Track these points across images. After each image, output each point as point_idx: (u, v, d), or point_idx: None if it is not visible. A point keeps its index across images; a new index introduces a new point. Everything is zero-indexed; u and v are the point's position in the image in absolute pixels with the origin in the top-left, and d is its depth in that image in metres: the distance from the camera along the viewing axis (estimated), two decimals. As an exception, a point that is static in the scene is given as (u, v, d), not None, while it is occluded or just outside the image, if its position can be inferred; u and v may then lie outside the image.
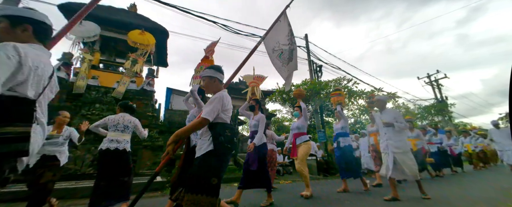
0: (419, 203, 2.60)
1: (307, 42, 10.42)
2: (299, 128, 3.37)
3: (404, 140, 2.89)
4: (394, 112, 3.03)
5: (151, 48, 6.34)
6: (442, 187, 3.78)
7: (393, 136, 2.89)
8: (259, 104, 3.08)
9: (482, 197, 2.88)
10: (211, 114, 1.43)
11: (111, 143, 2.46)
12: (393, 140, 2.88)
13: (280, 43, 2.91)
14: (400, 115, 2.98)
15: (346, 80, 9.21)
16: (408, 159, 2.80)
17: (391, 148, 2.87)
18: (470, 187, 3.78)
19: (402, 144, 2.85)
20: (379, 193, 3.22)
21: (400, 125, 2.85)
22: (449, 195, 3.04)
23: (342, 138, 3.75)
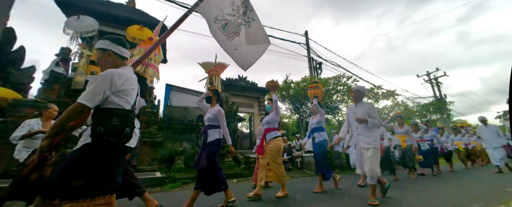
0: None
1: (307, 39, 10.36)
2: (269, 123, 3.08)
3: (375, 137, 2.62)
4: (368, 106, 2.76)
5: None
6: (408, 190, 3.37)
7: (364, 131, 2.68)
8: (217, 96, 2.78)
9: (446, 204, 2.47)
10: (89, 97, 1.11)
11: None
12: (364, 135, 2.67)
13: (224, 12, 2.41)
14: (374, 109, 2.74)
15: (345, 78, 9.21)
16: (373, 158, 2.55)
17: (360, 143, 2.67)
18: (443, 190, 3.39)
19: (372, 140, 2.60)
20: (366, 193, 2.97)
21: (374, 122, 2.62)
22: (410, 200, 2.65)
23: (317, 133, 3.54)
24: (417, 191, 3.32)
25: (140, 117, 5.68)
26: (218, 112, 2.56)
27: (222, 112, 2.59)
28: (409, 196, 2.89)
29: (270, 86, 3.14)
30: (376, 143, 2.59)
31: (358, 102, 2.85)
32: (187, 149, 6.53)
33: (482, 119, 5.60)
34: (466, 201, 2.56)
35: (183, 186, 4.21)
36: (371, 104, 2.76)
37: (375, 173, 2.53)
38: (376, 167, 2.53)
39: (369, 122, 2.62)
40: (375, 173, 2.53)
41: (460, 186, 3.71)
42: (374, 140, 2.60)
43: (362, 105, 2.81)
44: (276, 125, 3.08)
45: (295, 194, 3.13)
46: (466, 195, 2.90)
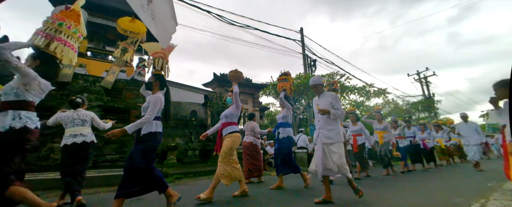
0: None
1: (302, 35, 10.36)
2: (227, 116, 2.80)
3: (338, 130, 2.42)
4: (331, 96, 2.53)
5: (142, 37, 6.12)
6: (390, 186, 3.37)
7: (325, 124, 2.45)
8: (160, 81, 2.30)
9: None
10: None
11: (76, 137, 2.52)
12: (325, 129, 2.44)
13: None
14: (338, 100, 2.52)
15: (339, 75, 9.32)
16: (336, 152, 2.35)
17: (322, 138, 2.43)
18: (425, 187, 3.38)
19: (334, 134, 2.39)
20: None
21: (337, 113, 2.40)
22: (383, 199, 2.53)
23: (282, 128, 3.35)
24: (399, 187, 3.44)
25: (132, 112, 5.59)
26: (152, 99, 2.11)
27: (157, 99, 2.12)
28: (391, 192, 3.00)
29: (232, 76, 2.87)
30: (339, 136, 2.40)
31: (321, 93, 2.64)
32: (180, 145, 6.48)
33: (463, 116, 5.54)
34: (449, 196, 2.68)
35: (176, 182, 4.19)
36: (335, 94, 2.53)
37: (344, 167, 2.35)
38: (343, 161, 2.35)
39: (331, 113, 2.39)
40: (344, 168, 2.35)
41: (442, 182, 3.86)
42: (337, 133, 2.40)
43: (325, 95, 2.59)
44: (234, 119, 2.82)
45: (287, 189, 3.18)
46: (449, 191, 3.03)
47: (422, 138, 6.35)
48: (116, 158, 4.85)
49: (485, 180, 3.82)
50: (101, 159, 4.77)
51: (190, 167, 5.37)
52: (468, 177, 4.32)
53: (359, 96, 9.50)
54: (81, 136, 2.54)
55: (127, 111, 5.65)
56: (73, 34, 2.05)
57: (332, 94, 2.55)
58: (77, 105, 2.75)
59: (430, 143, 6.53)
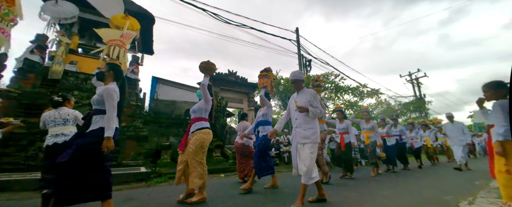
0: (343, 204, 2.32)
1: (297, 36, 10.41)
2: (195, 111, 2.58)
3: (315, 129, 2.26)
4: (310, 93, 2.38)
5: (136, 34, 6.01)
6: (380, 185, 3.36)
7: (302, 123, 2.30)
8: (114, 72, 2.03)
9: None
10: None
11: (57, 137, 2.43)
12: (302, 127, 2.29)
13: None
14: (317, 97, 2.37)
15: (333, 75, 9.42)
16: (308, 153, 2.17)
17: (297, 137, 2.29)
18: (414, 185, 3.44)
19: (310, 133, 2.23)
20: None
21: (315, 111, 2.24)
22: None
23: (262, 127, 3.20)
24: (391, 186, 3.52)
25: (124, 111, 5.48)
26: (104, 91, 1.85)
27: (111, 91, 1.86)
28: (384, 191, 3.06)
29: (203, 68, 2.59)
30: (315, 137, 2.23)
31: (300, 90, 2.48)
32: (174, 144, 6.41)
33: (449, 116, 5.50)
34: (438, 195, 2.76)
35: (169, 181, 4.15)
36: (314, 91, 2.39)
37: (313, 173, 2.15)
38: (313, 163, 2.17)
39: (309, 111, 2.23)
40: (311, 174, 2.15)
41: (431, 181, 3.97)
42: (313, 133, 2.24)
43: (304, 92, 2.43)
44: (204, 114, 2.59)
45: (283, 188, 3.20)
46: (438, 189, 3.12)
47: (410, 138, 6.24)
48: (108, 157, 4.75)
49: (473, 179, 3.95)
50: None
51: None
52: (456, 176, 4.45)
53: (353, 96, 9.63)
54: (62, 136, 2.44)
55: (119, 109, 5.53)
56: (4, 16, 1.74)
57: (311, 91, 2.40)
58: (57, 103, 2.64)
59: (418, 143, 6.49)
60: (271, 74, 3.52)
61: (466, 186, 3.31)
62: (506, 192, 1.88)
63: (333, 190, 2.98)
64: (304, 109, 2.24)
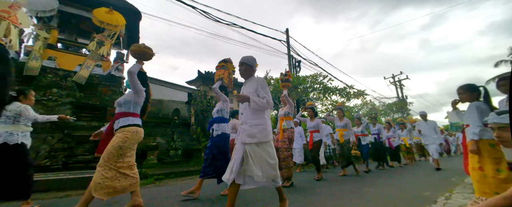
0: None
1: (287, 36, 10.52)
2: (121, 105, 2.13)
3: (264, 126, 1.87)
4: (258, 81, 1.97)
5: (120, 30, 5.77)
6: (358, 183, 3.40)
7: (249, 118, 1.89)
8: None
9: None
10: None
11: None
12: (248, 123, 1.87)
13: None
14: (266, 86, 1.97)
15: (322, 76, 9.62)
16: (263, 155, 1.80)
17: (241, 135, 1.87)
18: (394, 181, 3.51)
19: (257, 130, 1.83)
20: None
21: (260, 102, 1.83)
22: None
23: (217, 124, 2.85)
24: (374, 183, 3.66)
25: (109, 110, 5.25)
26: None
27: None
28: (367, 188, 3.17)
29: (134, 52, 2.13)
30: (264, 134, 1.85)
31: (248, 77, 2.09)
32: (161, 144, 6.23)
33: (422, 114, 5.50)
34: (418, 191, 2.90)
35: (156, 183, 4.03)
36: (262, 79, 2.00)
37: (275, 175, 1.83)
38: (267, 165, 1.79)
39: (251, 101, 1.81)
40: (274, 176, 1.83)
41: (410, 178, 4.16)
42: (262, 130, 1.85)
43: (251, 80, 2.05)
44: (132, 108, 2.13)
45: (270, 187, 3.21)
46: (417, 186, 3.28)
47: (388, 137, 6.30)
48: (89, 159, 4.52)
49: (449, 176, 4.20)
50: (72, 161, 4.42)
51: (172, 168, 5.19)
52: (433, 173, 4.70)
53: (340, 97, 9.90)
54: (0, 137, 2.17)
55: (102, 108, 5.29)
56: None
57: (260, 79, 2.00)
58: (11, 98, 2.34)
59: (396, 142, 6.50)
60: (230, 65, 3.12)
61: (443, 182, 3.51)
62: (479, 188, 2.02)
63: (320, 187, 3.03)
64: (243, 98, 1.83)
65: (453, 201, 2.34)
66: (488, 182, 1.94)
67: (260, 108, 1.88)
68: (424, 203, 2.28)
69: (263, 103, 1.86)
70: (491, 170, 1.94)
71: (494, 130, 1.28)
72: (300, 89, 9.23)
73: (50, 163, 4.15)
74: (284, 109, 3.56)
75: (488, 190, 1.92)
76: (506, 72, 15.20)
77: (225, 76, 3.04)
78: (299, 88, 9.15)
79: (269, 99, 1.89)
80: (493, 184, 1.90)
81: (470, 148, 2.08)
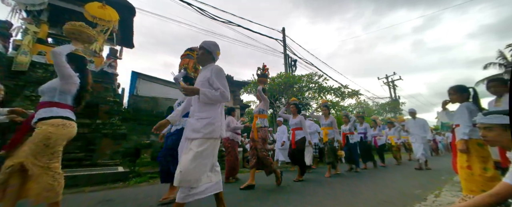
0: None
1: (284, 36, 10.53)
2: (44, 92, 1.74)
3: (211, 120, 1.63)
4: (214, 70, 1.72)
5: (113, 25, 5.65)
6: (351, 182, 3.41)
7: (196, 110, 1.68)
8: None
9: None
10: None
11: None
12: (194, 116, 1.67)
13: None
14: (221, 76, 1.71)
15: (317, 76, 9.69)
16: (193, 153, 1.54)
17: (186, 130, 1.71)
18: (385, 180, 3.49)
19: (202, 125, 1.60)
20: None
21: (210, 94, 1.61)
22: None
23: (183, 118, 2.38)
24: (366, 182, 3.72)
25: (101, 107, 5.15)
26: None
27: None
28: (359, 188, 3.23)
29: (67, 31, 1.89)
30: (210, 130, 1.60)
31: (205, 65, 1.84)
32: (155, 143, 6.17)
33: (411, 112, 5.33)
34: (409, 189, 2.98)
35: (150, 181, 3.99)
36: (219, 68, 1.74)
37: (194, 183, 1.50)
38: (198, 173, 1.52)
39: (201, 93, 1.59)
40: (192, 183, 1.50)
41: (400, 177, 4.23)
42: (207, 125, 1.60)
43: (206, 68, 1.80)
44: (57, 97, 1.71)
45: (266, 185, 3.23)
46: (407, 184, 3.36)
47: (373, 135, 6.12)
48: (81, 156, 4.43)
49: (438, 174, 4.32)
50: (63, 158, 4.31)
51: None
52: (422, 172, 4.77)
53: (335, 96, 10.01)
54: None
55: (94, 105, 5.18)
56: None
57: (216, 68, 1.74)
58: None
59: (382, 140, 6.35)
60: (195, 53, 2.77)
61: (432, 181, 3.61)
62: (467, 186, 2.09)
63: (314, 186, 3.07)
64: (189, 90, 1.62)
65: (442, 199, 2.41)
66: (475, 180, 2.01)
67: (211, 101, 1.65)
68: (415, 201, 2.34)
69: (216, 96, 1.63)
70: (479, 168, 2.01)
71: (480, 130, 1.33)
72: (295, 88, 9.27)
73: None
74: (259, 106, 3.31)
75: (475, 188, 1.99)
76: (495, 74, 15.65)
77: (190, 66, 2.74)
78: (294, 87, 9.20)
79: (224, 91, 1.65)
80: (480, 182, 1.97)
81: (460, 147, 2.14)
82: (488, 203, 1.06)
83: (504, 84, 2.25)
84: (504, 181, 1.05)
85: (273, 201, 2.40)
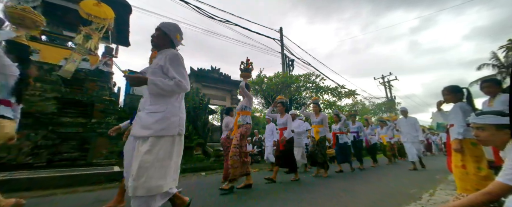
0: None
1: (281, 35, 10.54)
2: None
3: (165, 114, 1.39)
4: (170, 55, 1.46)
5: (109, 23, 5.56)
6: (345, 182, 3.42)
7: (147, 103, 1.43)
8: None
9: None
10: None
11: None
12: (145, 110, 1.42)
13: None
14: (178, 62, 1.45)
15: (314, 76, 9.73)
16: (142, 153, 1.30)
17: (134, 126, 1.46)
18: (376, 183, 3.37)
19: (153, 120, 1.36)
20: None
21: (164, 85, 1.37)
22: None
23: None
24: (362, 181, 3.75)
25: (96, 106, 5.08)
26: None
27: None
28: (354, 187, 3.26)
29: (9, 14, 1.77)
30: (163, 126, 1.35)
31: (160, 49, 1.58)
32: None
33: (403, 110, 5.20)
34: (404, 188, 3.01)
35: (146, 181, 3.95)
36: (177, 54, 1.48)
37: (151, 186, 1.26)
38: (149, 176, 1.26)
39: (149, 83, 1.35)
40: (149, 187, 1.25)
41: (394, 176, 4.27)
42: (160, 120, 1.36)
43: (162, 53, 1.55)
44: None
45: (262, 185, 3.23)
46: (402, 183, 3.40)
47: (366, 134, 6.04)
48: (75, 156, 4.37)
49: (433, 174, 4.38)
50: (57, 158, 4.25)
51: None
52: (418, 171, 4.83)
53: (332, 96, 10.07)
54: None
55: (89, 104, 5.12)
56: None
57: (171, 53, 1.47)
58: None
59: (373, 139, 6.25)
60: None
61: (427, 180, 3.65)
62: (461, 185, 2.12)
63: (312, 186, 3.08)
64: (133, 79, 1.39)
65: (437, 198, 2.44)
66: (469, 179, 2.04)
67: (164, 93, 1.40)
68: (410, 199, 2.37)
69: (170, 87, 1.37)
70: (473, 168, 2.04)
71: (473, 130, 1.34)
72: (293, 88, 9.30)
73: (33, 161, 3.98)
74: (241, 103, 3.16)
75: (469, 187, 2.02)
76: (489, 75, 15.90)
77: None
78: (292, 87, 9.22)
79: (180, 80, 1.39)
80: (474, 181, 2.00)
81: (454, 147, 2.17)
82: (482, 201, 1.07)
83: (497, 85, 2.29)
84: (497, 180, 1.06)
85: (271, 200, 2.40)
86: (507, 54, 15.41)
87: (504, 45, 15.43)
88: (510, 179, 1.01)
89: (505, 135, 1.18)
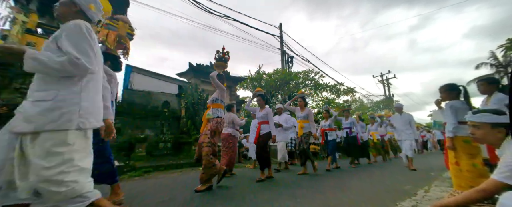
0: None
1: (281, 31, 10.46)
2: None
3: (55, 102, 1.03)
4: (65, 27, 1.17)
5: (106, 17, 5.48)
6: (338, 178, 3.43)
7: (35, 89, 1.10)
8: None
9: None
10: None
11: None
12: (31, 97, 1.08)
13: None
14: (76, 35, 1.11)
15: (313, 73, 9.72)
16: (42, 152, 0.98)
17: (15, 121, 1.08)
18: (370, 180, 3.36)
19: (39, 110, 1.01)
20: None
21: (49, 60, 1.02)
22: None
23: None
24: (358, 178, 3.79)
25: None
26: None
27: None
28: (346, 183, 3.29)
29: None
30: (50, 118, 1.01)
31: (67, 21, 1.21)
32: (150, 137, 6.12)
33: (397, 107, 5.07)
34: (398, 185, 3.05)
35: (144, 175, 3.98)
36: (77, 25, 1.14)
37: (60, 185, 0.97)
38: (55, 175, 0.97)
39: (25, 59, 1.03)
40: (53, 194, 0.97)
41: (389, 173, 4.30)
42: (47, 111, 1.02)
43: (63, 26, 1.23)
44: None
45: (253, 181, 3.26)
46: (397, 180, 3.43)
47: (358, 131, 5.83)
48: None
49: (428, 171, 4.43)
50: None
51: (160, 160, 5.13)
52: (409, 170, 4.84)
53: (330, 93, 10.09)
54: None
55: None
56: None
57: (72, 23, 1.15)
58: None
59: (364, 137, 6.16)
60: (122, 24, 2.19)
61: (422, 177, 3.70)
62: (456, 182, 2.15)
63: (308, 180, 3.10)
64: (2, 51, 1.04)
65: (432, 194, 2.47)
66: (464, 176, 2.07)
67: (52, 72, 1.04)
68: (405, 196, 2.40)
69: (59, 64, 1.01)
70: (467, 165, 2.07)
71: (469, 128, 1.36)
72: (292, 84, 9.29)
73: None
74: (213, 95, 2.91)
75: (464, 184, 2.05)
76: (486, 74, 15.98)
77: (111, 39, 2.01)
78: (291, 83, 9.21)
79: (77, 57, 1.03)
80: (468, 178, 2.03)
81: (446, 144, 2.20)
82: (476, 198, 1.10)
83: (492, 83, 2.31)
84: (491, 178, 1.08)
85: (267, 195, 2.43)
86: (505, 54, 15.48)
87: (503, 45, 15.48)
88: (505, 177, 1.02)
89: (500, 134, 1.19)
